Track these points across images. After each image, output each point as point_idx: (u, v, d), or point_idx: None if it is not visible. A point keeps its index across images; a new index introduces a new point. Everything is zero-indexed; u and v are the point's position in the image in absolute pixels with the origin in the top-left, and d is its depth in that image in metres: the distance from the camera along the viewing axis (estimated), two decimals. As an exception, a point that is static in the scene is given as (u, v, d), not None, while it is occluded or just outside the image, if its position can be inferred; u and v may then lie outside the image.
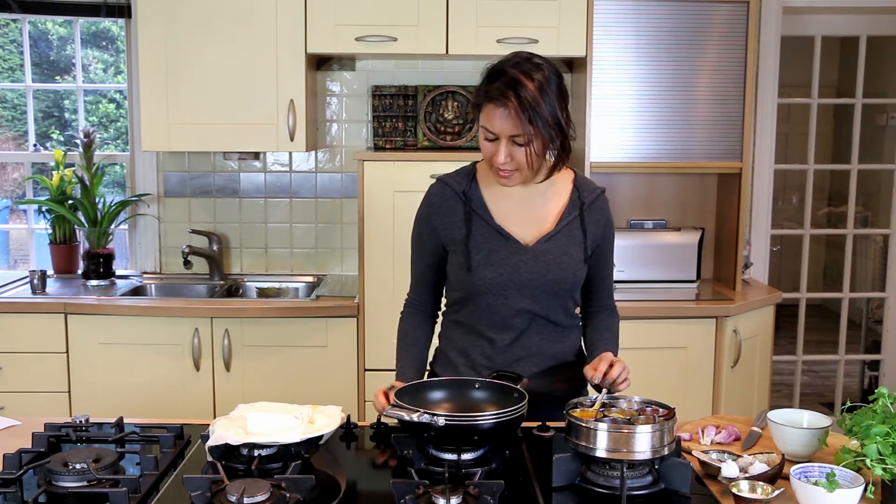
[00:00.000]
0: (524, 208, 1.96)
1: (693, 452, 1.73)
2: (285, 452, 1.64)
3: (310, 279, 3.68)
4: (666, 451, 1.56)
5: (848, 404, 1.72)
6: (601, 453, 1.55)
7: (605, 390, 1.76)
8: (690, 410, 2.93)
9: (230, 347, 3.15)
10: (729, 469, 1.62)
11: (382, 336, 3.05)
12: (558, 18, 3.22)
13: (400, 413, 1.62)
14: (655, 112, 3.32)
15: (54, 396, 3.17)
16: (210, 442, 1.63)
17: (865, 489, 1.48)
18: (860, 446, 1.54)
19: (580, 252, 1.95)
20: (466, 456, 1.66)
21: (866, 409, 1.59)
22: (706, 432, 1.88)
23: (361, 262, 3.18)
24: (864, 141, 4.25)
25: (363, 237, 3.17)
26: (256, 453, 1.63)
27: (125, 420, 1.88)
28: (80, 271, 3.65)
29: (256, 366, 3.18)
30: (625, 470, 1.53)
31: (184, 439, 1.80)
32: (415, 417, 1.60)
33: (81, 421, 1.84)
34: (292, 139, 3.28)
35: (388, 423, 1.87)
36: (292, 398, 1.96)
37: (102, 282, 3.51)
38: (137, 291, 3.51)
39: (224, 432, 1.62)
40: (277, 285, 3.66)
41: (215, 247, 3.65)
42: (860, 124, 4.19)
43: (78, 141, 3.65)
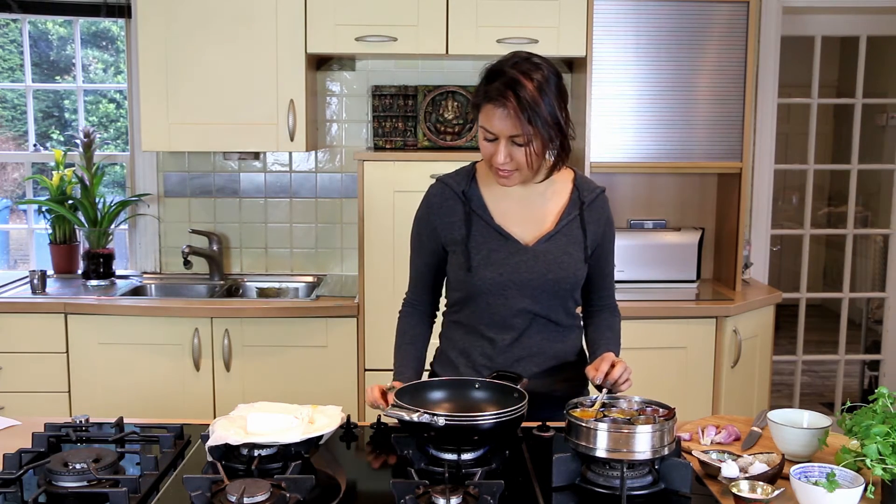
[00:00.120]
0: (524, 208, 1.95)
1: (693, 452, 1.73)
2: (285, 452, 1.64)
3: (310, 279, 3.68)
4: (666, 451, 1.56)
5: (848, 404, 1.72)
6: (601, 453, 1.55)
7: (606, 390, 1.76)
8: (690, 410, 2.93)
9: (230, 347, 3.15)
10: (729, 469, 1.62)
11: (382, 336, 3.05)
12: (558, 18, 3.22)
13: (400, 413, 1.62)
14: (655, 112, 3.32)
15: (54, 396, 3.17)
16: (210, 442, 1.63)
17: (865, 489, 1.48)
18: (860, 446, 1.54)
19: (580, 252, 1.95)
20: (466, 456, 1.66)
21: (866, 409, 1.59)
22: (706, 432, 1.88)
23: (361, 262, 3.18)
24: (864, 141, 4.25)
25: (363, 237, 3.17)
26: (256, 453, 1.63)
27: (125, 420, 1.88)
28: (80, 271, 3.65)
29: (256, 366, 3.18)
30: (625, 470, 1.53)
31: (184, 439, 1.80)
32: (415, 417, 1.60)
33: (81, 421, 1.84)
34: (292, 139, 3.28)
35: (388, 423, 1.87)
36: (292, 398, 1.96)
37: (102, 282, 3.51)
38: (137, 291, 3.51)
39: (224, 432, 1.62)
40: (277, 285, 3.66)
41: (215, 247, 3.65)
42: (860, 124, 4.18)
43: (78, 141, 3.65)
